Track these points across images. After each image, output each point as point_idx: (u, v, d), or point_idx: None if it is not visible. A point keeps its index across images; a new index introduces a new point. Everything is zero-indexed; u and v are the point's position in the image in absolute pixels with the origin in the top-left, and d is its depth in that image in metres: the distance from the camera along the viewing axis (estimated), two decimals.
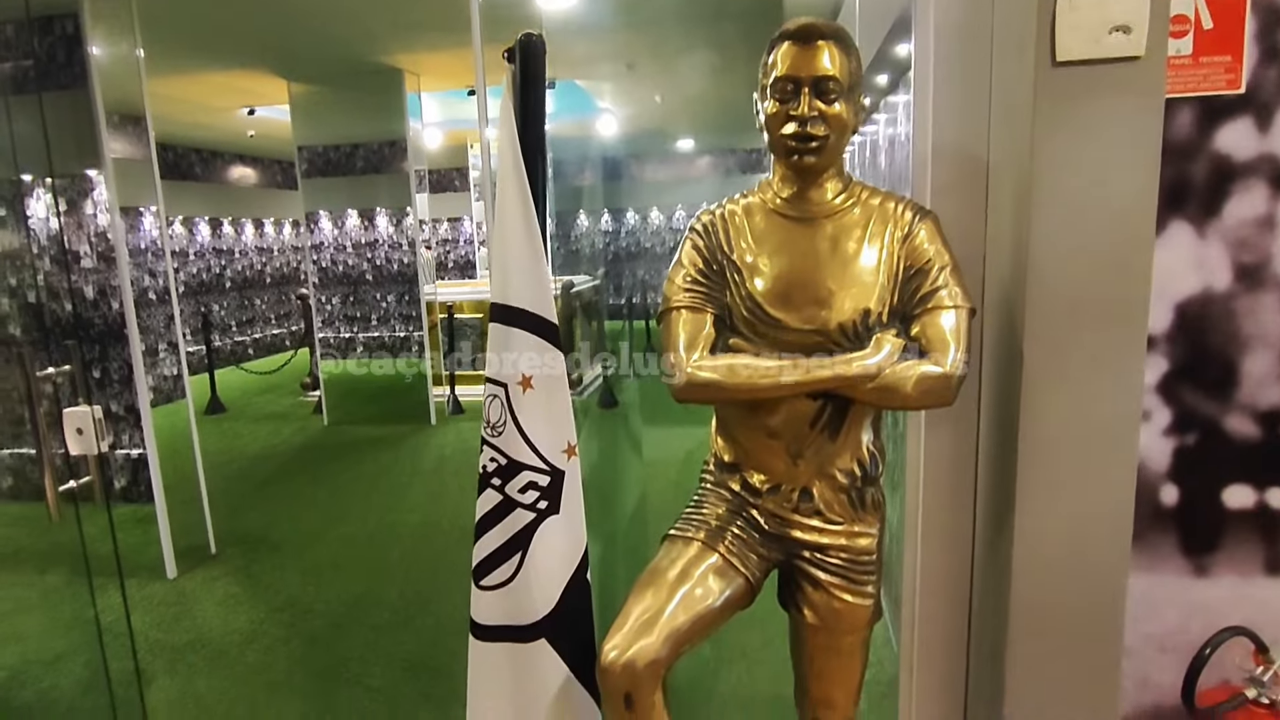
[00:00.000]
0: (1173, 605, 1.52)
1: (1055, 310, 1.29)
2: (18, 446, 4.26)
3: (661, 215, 11.95)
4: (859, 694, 1.39)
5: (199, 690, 2.52)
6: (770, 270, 1.23)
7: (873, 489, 1.30)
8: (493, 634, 1.35)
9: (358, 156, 7.28)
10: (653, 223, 11.99)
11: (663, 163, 11.96)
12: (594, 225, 12.01)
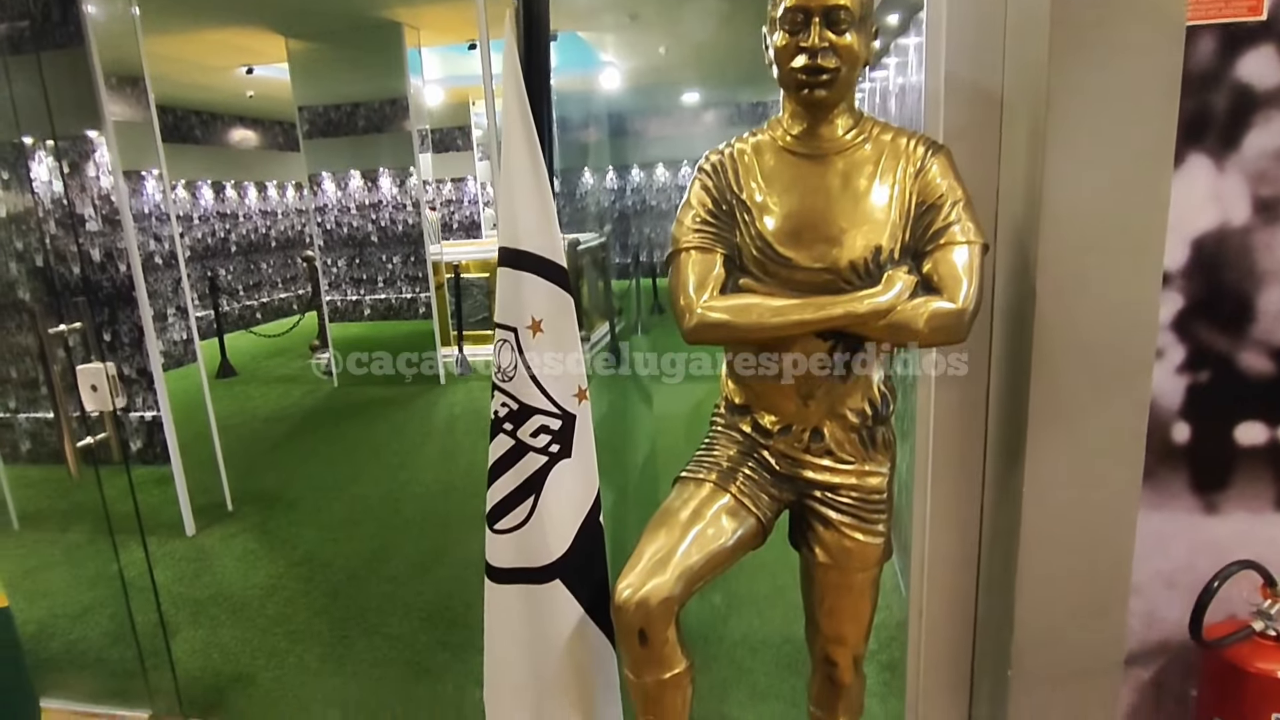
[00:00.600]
0: (1181, 542, 1.52)
1: (1069, 246, 1.28)
2: (34, 411, 4.32)
3: (667, 172, 11.81)
4: (869, 631, 1.41)
5: (223, 640, 2.59)
6: (780, 209, 1.21)
7: (883, 428, 1.30)
8: (508, 576, 1.37)
9: (359, 116, 7.20)
10: (658, 179, 11.86)
11: (667, 117, 11.77)
12: (599, 183, 11.89)
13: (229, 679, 2.37)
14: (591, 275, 7.02)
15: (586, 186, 11.80)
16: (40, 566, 3.20)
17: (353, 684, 2.31)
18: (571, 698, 1.40)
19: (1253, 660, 1.34)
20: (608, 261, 7.54)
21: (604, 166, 11.79)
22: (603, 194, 11.95)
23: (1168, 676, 1.58)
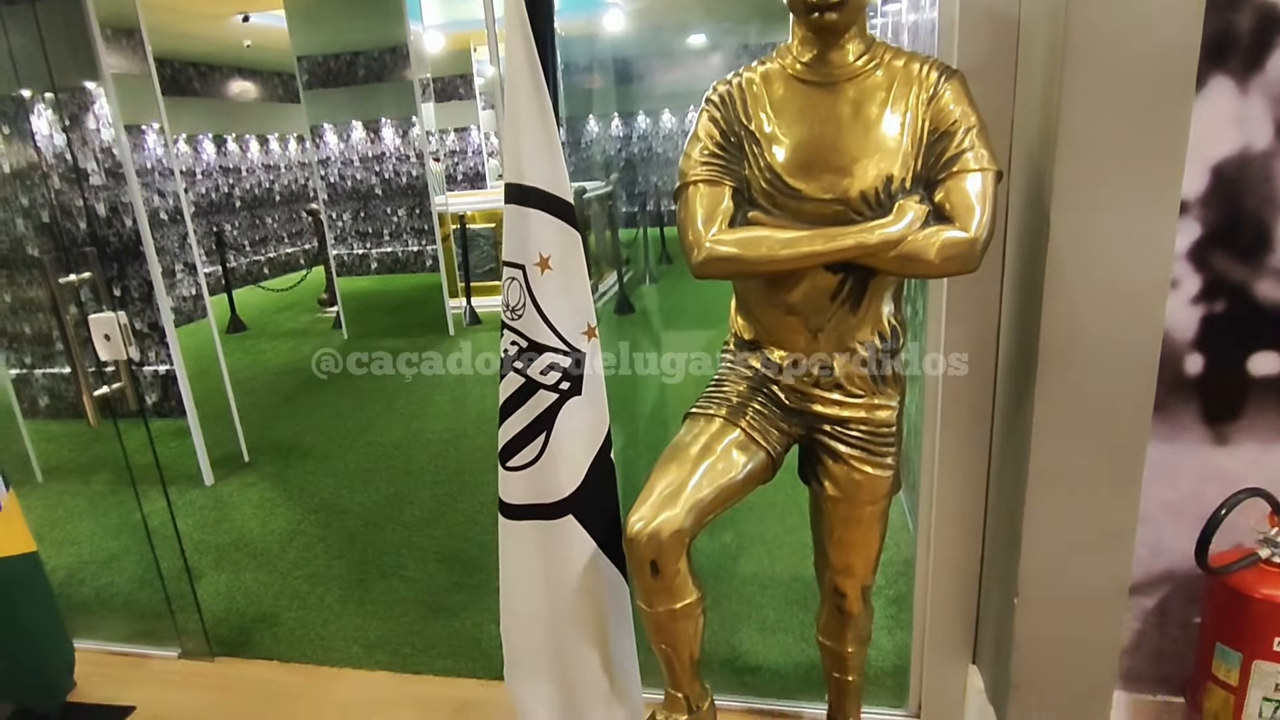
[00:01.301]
0: (1190, 473, 1.53)
1: (1085, 173, 1.25)
2: (49, 366, 4.37)
3: (674, 117, 11.59)
4: (877, 562, 1.43)
5: (245, 584, 2.66)
6: (790, 139, 1.19)
7: (893, 362, 1.30)
8: (521, 512, 1.39)
9: (359, 65, 7.08)
10: (664, 126, 11.65)
11: (674, 60, 11.48)
12: (604, 130, 11.69)
13: (253, 619, 2.45)
14: (598, 224, 6.96)
15: (592, 134, 11.62)
16: (65, 517, 3.28)
17: (373, 623, 2.38)
18: (586, 629, 1.44)
19: (1258, 586, 1.36)
20: (614, 210, 7.46)
21: (609, 113, 11.58)
22: (608, 142, 11.76)
23: (1172, 604, 1.61)
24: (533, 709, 1.52)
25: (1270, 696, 1.37)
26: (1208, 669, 1.46)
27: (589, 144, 11.60)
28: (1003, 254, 1.46)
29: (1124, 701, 1.64)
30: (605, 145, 11.72)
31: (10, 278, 4.17)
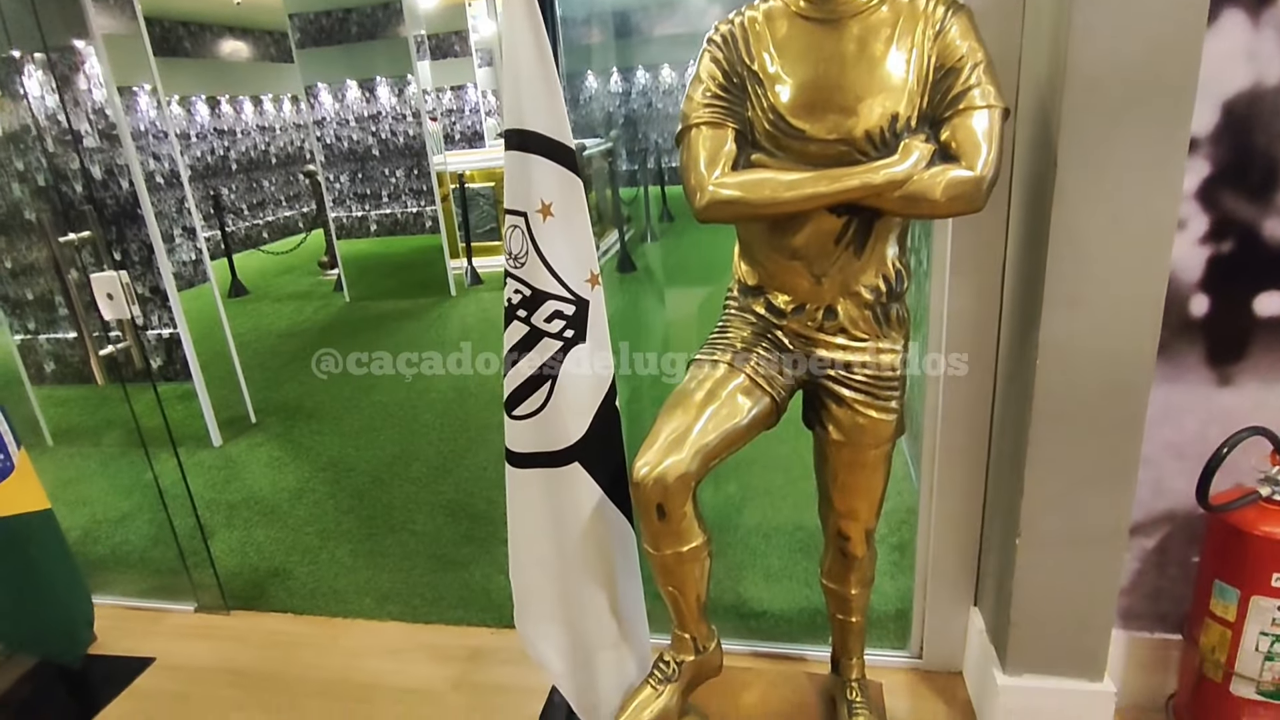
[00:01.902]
0: (1193, 414, 1.54)
1: (1093, 110, 1.23)
2: (53, 331, 4.37)
3: (674, 73, 11.38)
4: (880, 505, 1.44)
5: (257, 540, 2.70)
6: (793, 79, 1.17)
7: (897, 305, 1.29)
8: (527, 461, 1.41)
9: (351, 23, 6.93)
10: (664, 81, 11.45)
11: (674, 15, 11.24)
12: (603, 86, 11.49)
13: (266, 574, 2.49)
14: (599, 182, 6.89)
15: (591, 90, 11.43)
16: (77, 478, 3.32)
17: (384, 576, 2.42)
18: (593, 574, 1.46)
19: (1257, 524, 1.38)
20: (615, 167, 7.37)
21: (609, 69, 11.37)
22: (608, 98, 11.57)
23: (1172, 544, 1.63)
24: (543, 652, 1.55)
25: (1267, 631, 1.40)
26: (1206, 606, 1.48)
27: (588, 100, 11.42)
28: (1009, 194, 1.45)
29: (1122, 639, 1.67)
30: (605, 101, 11.54)
31: (10, 243, 4.15)
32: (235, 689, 2.00)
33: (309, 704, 1.92)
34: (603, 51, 10.89)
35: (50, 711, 1.95)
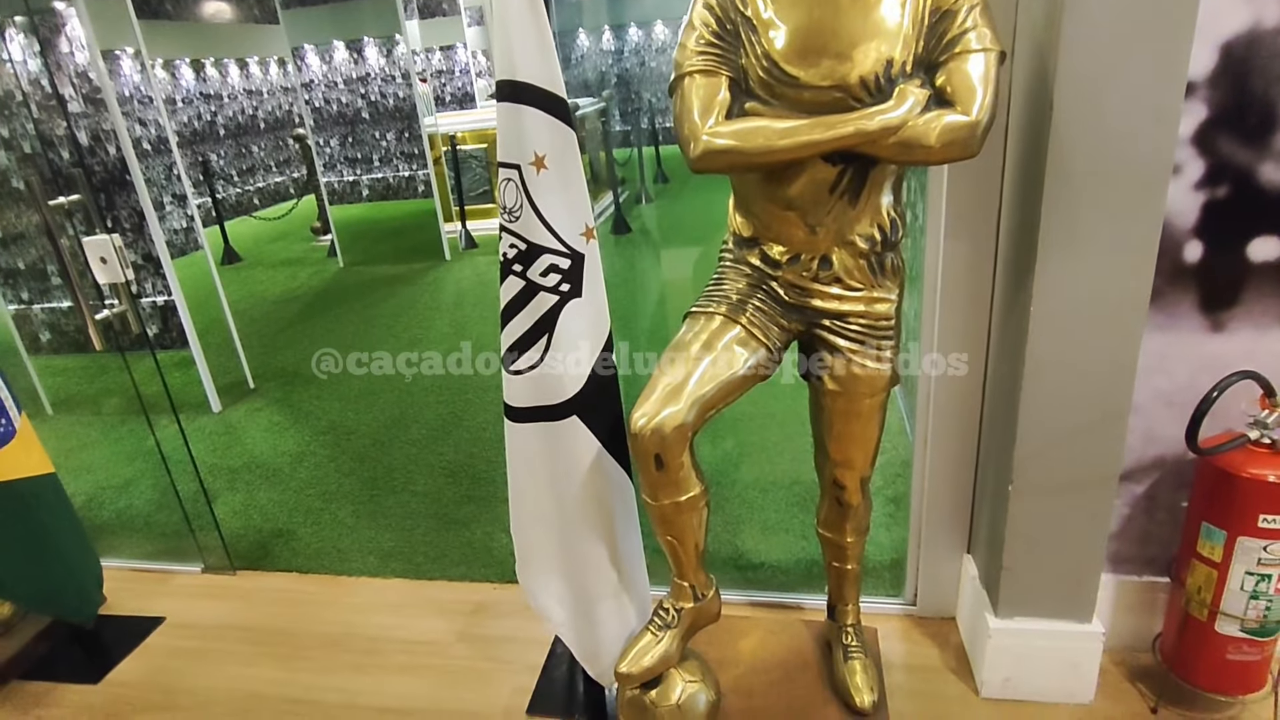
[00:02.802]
0: (1185, 362, 1.55)
1: (1090, 52, 1.22)
2: (46, 301, 4.35)
3: (667, 30, 11.17)
4: (875, 454, 1.46)
5: (260, 502, 2.73)
6: (787, 25, 1.15)
7: (892, 254, 1.30)
8: (526, 415, 1.42)
9: None
10: (658, 39, 11.24)
11: None
12: (595, 45, 11.28)
13: (271, 535, 2.52)
14: (592, 143, 6.81)
15: (583, 49, 11.23)
16: (79, 446, 3.33)
17: (386, 535, 2.46)
18: (593, 524, 1.49)
19: (1245, 466, 1.40)
20: (609, 128, 7.29)
21: (600, 26, 11.15)
22: (600, 57, 11.37)
23: (1160, 490, 1.66)
24: (545, 603, 1.58)
25: (1252, 570, 1.43)
26: (1193, 548, 1.51)
27: (581, 59, 11.22)
28: (1004, 140, 1.44)
29: (1111, 583, 1.71)
30: (597, 60, 11.34)
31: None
32: (245, 644, 2.04)
33: (318, 657, 1.96)
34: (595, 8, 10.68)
35: (66, 668, 1.99)
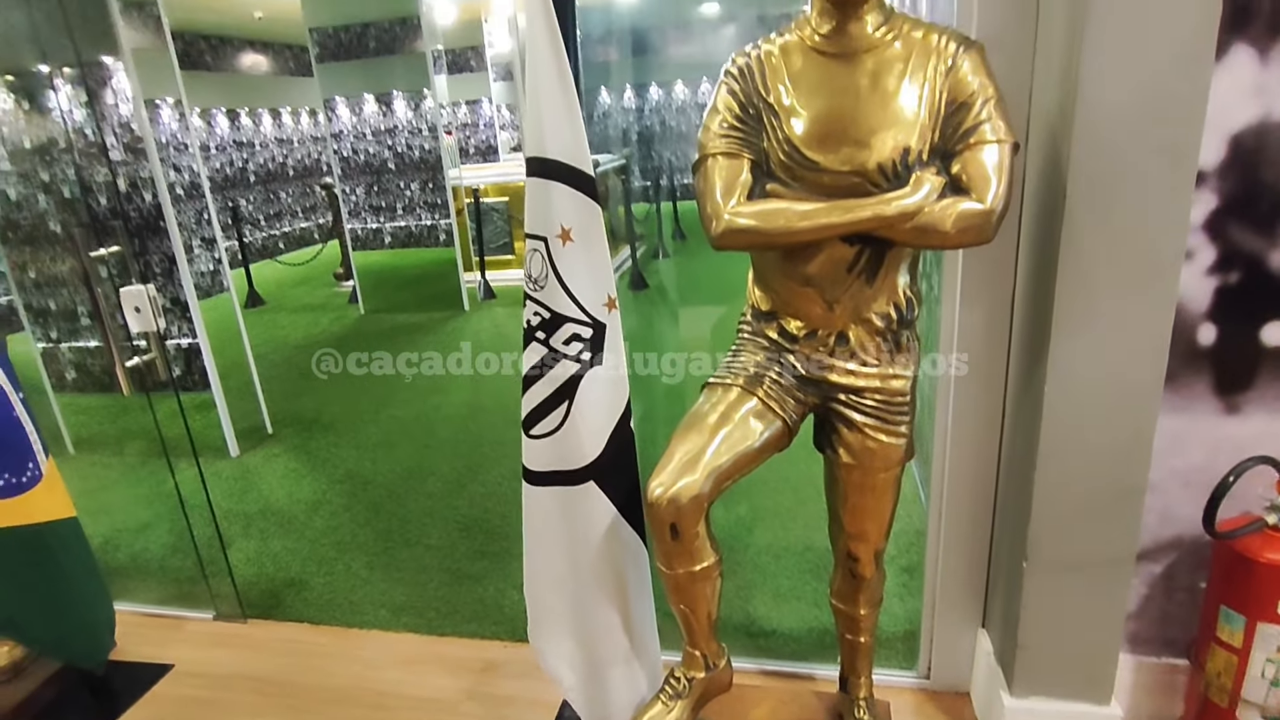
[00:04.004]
0: (1200, 442, 1.55)
1: (1103, 144, 1.27)
2: (75, 340, 4.45)
3: (687, 89, 11.47)
4: (890, 527, 1.47)
5: (274, 550, 2.74)
6: (808, 111, 1.21)
7: (908, 332, 1.32)
8: (544, 479, 1.44)
9: (369, 37, 7.04)
10: (678, 98, 11.54)
11: (686, 32, 11.35)
12: (616, 102, 11.60)
13: (283, 584, 2.53)
14: (612, 199, 6.95)
15: (604, 106, 11.53)
16: (99, 487, 3.37)
17: (399, 588, 2.46)
18: (606, 590, 1.49)
19: (1263, 551, 1.39)
20: (628, 184, 7.44)
21: (622, 85, 11.48)
22: (621, 114, 11.67)
23: (1178, 570, 1.64)
24: (555, 666, 1.58)
25: (1273, 657, 1.41)
26: (1212, 632, 1.49)
27: (602, 116, 11.51)
28: (1018, 224, 1.48)
29: (1129, 663, 1.68)
30: (618, 118, 11.64)
31: (35, 253, 4.24)
32: (253, 695, 2.03)
33: (326, 710, 1.95)
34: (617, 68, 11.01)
35: (76, 714, 1.99)
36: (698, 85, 11.42)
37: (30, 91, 3.98)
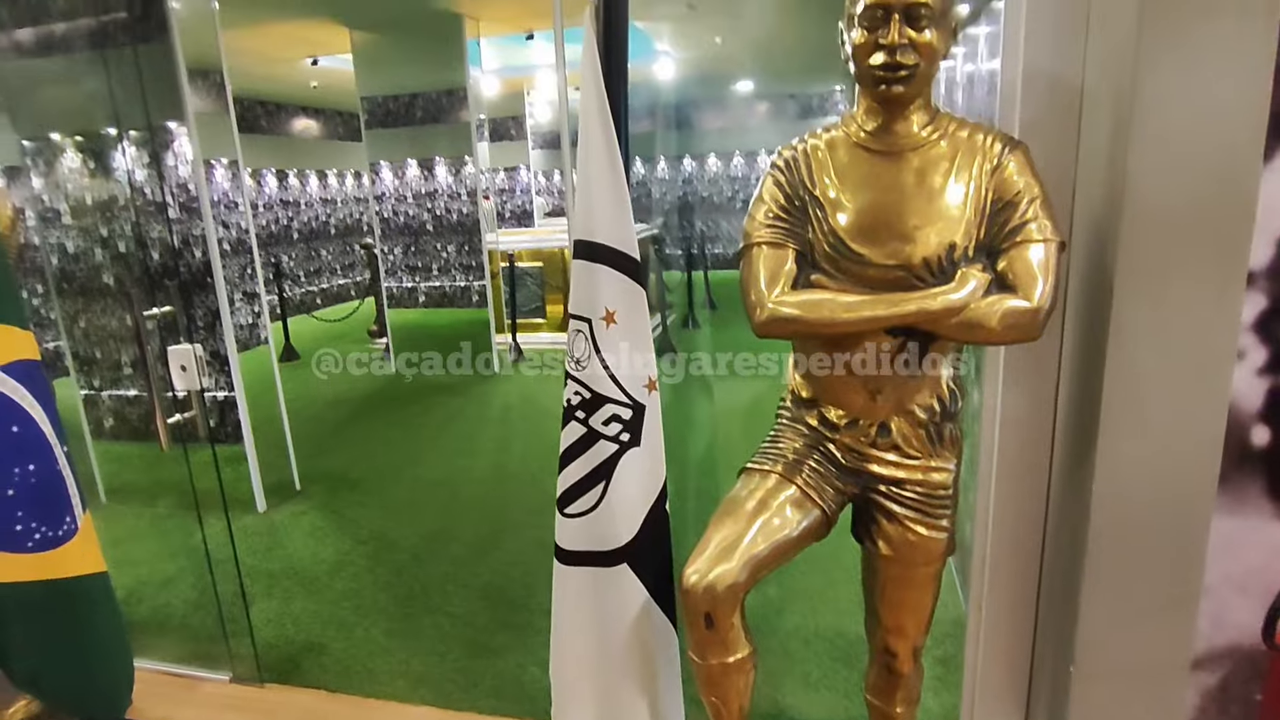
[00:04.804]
0: (1255, 547, 1.49)
1: (1150, 243, 1.26)
2: (116, 389, 4.56)
3: (720, 162, 11.75)
4: (929, 623, 1.42)
5: (295, 611, 2.72)
6: (854, 205, 1.23)
7: (951, 424, 1.31)
8: (577, 559, 1.42)
9: (417, 107, 7.35)
10: (710, 170, 11.81)
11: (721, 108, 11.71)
12: (650, 173, 11.90)
13: (302, 647, 2.50)
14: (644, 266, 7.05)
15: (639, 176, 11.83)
16: (126, 537, 3.39)
17: (418, 658, 2.41)
18: (635, 676, 1.45)
19: None
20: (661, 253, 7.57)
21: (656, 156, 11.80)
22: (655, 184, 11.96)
23: (1233, 681, 1.56)
24: None
25: None
26: None
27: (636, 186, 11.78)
28: (1062, 321, 1.47)
29: None
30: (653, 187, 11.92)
31: (86, 304, 4.39)
32: None
33: None
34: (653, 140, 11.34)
35: None
36: (730, 158, 11.69)
37: (97, 152, 4.19)
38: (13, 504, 1.78)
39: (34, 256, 4.35)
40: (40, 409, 1.84)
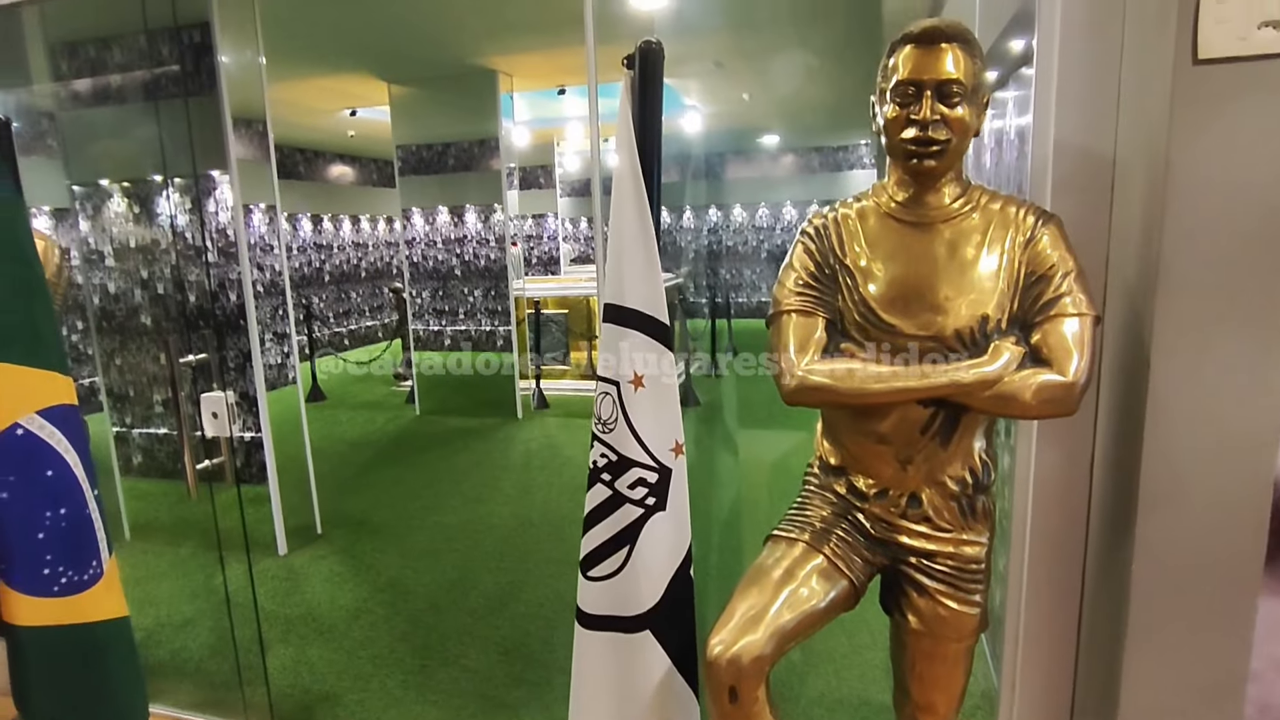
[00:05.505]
0: None
1: (1187, 317, 1.25)
2: (146, 427, 4.63)
3: (745, 213, 11.88)
4: (961, 701, 1.37)
5: (311, 659, 2.69)
6: (884, 275, 1.23)
7: (983, 497, 1.28)
8: (599, 623, 1.40)
9: (449, 155, 7.55)
10: (735, 220, 11.94)
11: (747, 161, 11.89)
12: (676, 222, 12.05)
13: (317, 697, 2.47)
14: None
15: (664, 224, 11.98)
16: (147, 576, 3.41)
17: (432, 712, 2.37)
18: None
19: None
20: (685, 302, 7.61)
21: (682, 206, 11.97)
22: (679, 233, 12.10)
23: None
24: None
25: None
26: None
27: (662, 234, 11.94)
28: (1097, 390, 1.44)
29: None
30: (676, 236, 12.05)
31: (123, 343, 4.49)
32: None
33: None
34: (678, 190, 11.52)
35: None
36: (756, 209, 11.82)
37: (143, 197, 4.34)
38: (42, 547, 1.80)
39: (76, 294, 4.48)
40: (74, 452, 1.86)
